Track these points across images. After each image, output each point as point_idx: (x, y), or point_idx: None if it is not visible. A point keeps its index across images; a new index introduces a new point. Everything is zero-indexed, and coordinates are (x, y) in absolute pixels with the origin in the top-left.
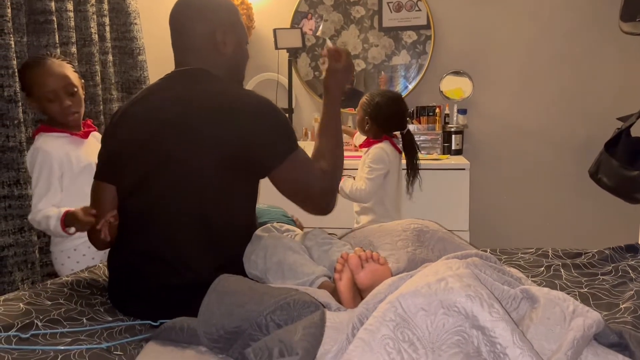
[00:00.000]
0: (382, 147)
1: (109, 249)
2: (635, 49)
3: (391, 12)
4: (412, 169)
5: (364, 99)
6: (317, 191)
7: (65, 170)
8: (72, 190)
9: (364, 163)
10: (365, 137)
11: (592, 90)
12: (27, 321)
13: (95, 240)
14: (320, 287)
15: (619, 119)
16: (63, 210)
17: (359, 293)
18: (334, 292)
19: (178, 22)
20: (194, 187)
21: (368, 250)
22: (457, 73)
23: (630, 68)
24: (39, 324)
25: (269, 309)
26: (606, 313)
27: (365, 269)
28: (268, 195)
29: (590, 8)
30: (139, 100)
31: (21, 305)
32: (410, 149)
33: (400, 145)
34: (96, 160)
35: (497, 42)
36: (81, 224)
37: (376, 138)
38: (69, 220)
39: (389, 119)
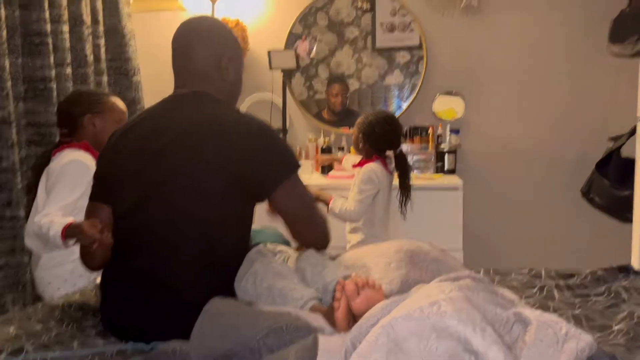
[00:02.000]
0: (371, 168)
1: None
2: (624, 70)
3: (384, 32)
4: (405, 190)
5: (360, 119)
6: (317, 217)
7: (88, 189)
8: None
9: (354, 183)
10: (358, 159)
11: (583, 110)
12: (17, 346)
13: (88, 259)
14: (310, 310)
15: (609, 139)
16: (69, 219)
17: (353, 317)
18: (327, 315)
19: (183, 45)
20: (192, 209)
21: (364, 276)
22: (449, 93)
23: (619, 89)
24: (29, 348)
25: (261, 333)
26: (599, 335)
27: (361, 296)
28: (264, 216)
29: (579, 30)
30: (139, 122)
31: (11, 329)
32: (402, 169)
33: (392, 166)
34: None
35: (488, 63)
36: (85, 237)
37: (368, 157)
38: (71, 231)
39: (381, 137)
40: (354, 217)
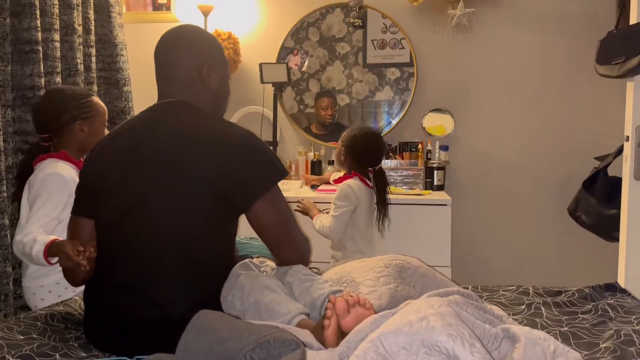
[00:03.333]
0: (348, 184)
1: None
2: (612, 90)
3: (375, 49)
4: (382, 206)
5: (344, 132)
6: (296, 235)
7: (70, 201)
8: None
9: (332, 200)
10: (340, 174)
11: (571, 129)
12: None
13: (71, 275)
14: (297, 325)
15: (596, 158)
16: (51, 237)
17: (341, 333)
18: (315, 331)
19: (164, 54)
20: (174, 223)
21: (355, 295)
22: (439, 110)
23: (607, 108)
24: (10, 359)
25: (248, 347)
26: (586, 353)
27: (351, 314)
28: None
29: (567, 50)
30: (120, 134)
31: None
32: (381, 186)
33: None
34: None
35: (478, 80)
36: (67, 259)
37: (349, 173)
38: (54, 249)
39: (363, 153)
40: (330, 234)
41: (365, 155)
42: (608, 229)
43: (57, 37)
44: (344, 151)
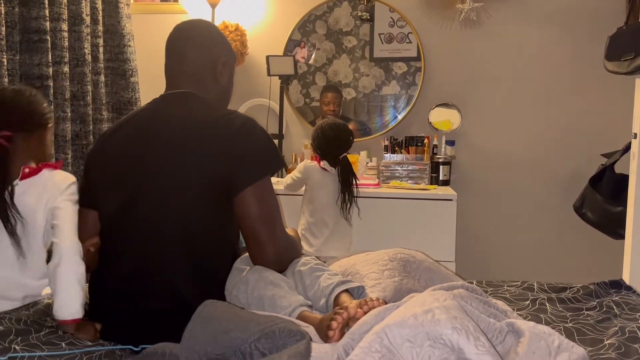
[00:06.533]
0: (305, 161)
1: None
2: (619, 87)
3: (382, 43)
4: (348, 195)
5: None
6: (278, 232)
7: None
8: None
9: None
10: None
11: (578, 125)
12: (5, 344)
13: None
14: (298, 317)
15: (603, 155)
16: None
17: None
18: (319, 324)
19: (179, 46)
20: (178, 211)
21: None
22: (445, 105)
23: (613, 105)
24: (17, 347)
25: (253, 337)
26: (590, 349)
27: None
28: None
29: (575, 46)
30: (124, 125)
31: (0, 327)
32: (344, 176)
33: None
34: None
35: (485, 76)
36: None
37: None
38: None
39: (322, 144)
40: (284, 185)
41: (323, 145)
42: (614, 226)
43: (65, 26)
44: (311, 143)
